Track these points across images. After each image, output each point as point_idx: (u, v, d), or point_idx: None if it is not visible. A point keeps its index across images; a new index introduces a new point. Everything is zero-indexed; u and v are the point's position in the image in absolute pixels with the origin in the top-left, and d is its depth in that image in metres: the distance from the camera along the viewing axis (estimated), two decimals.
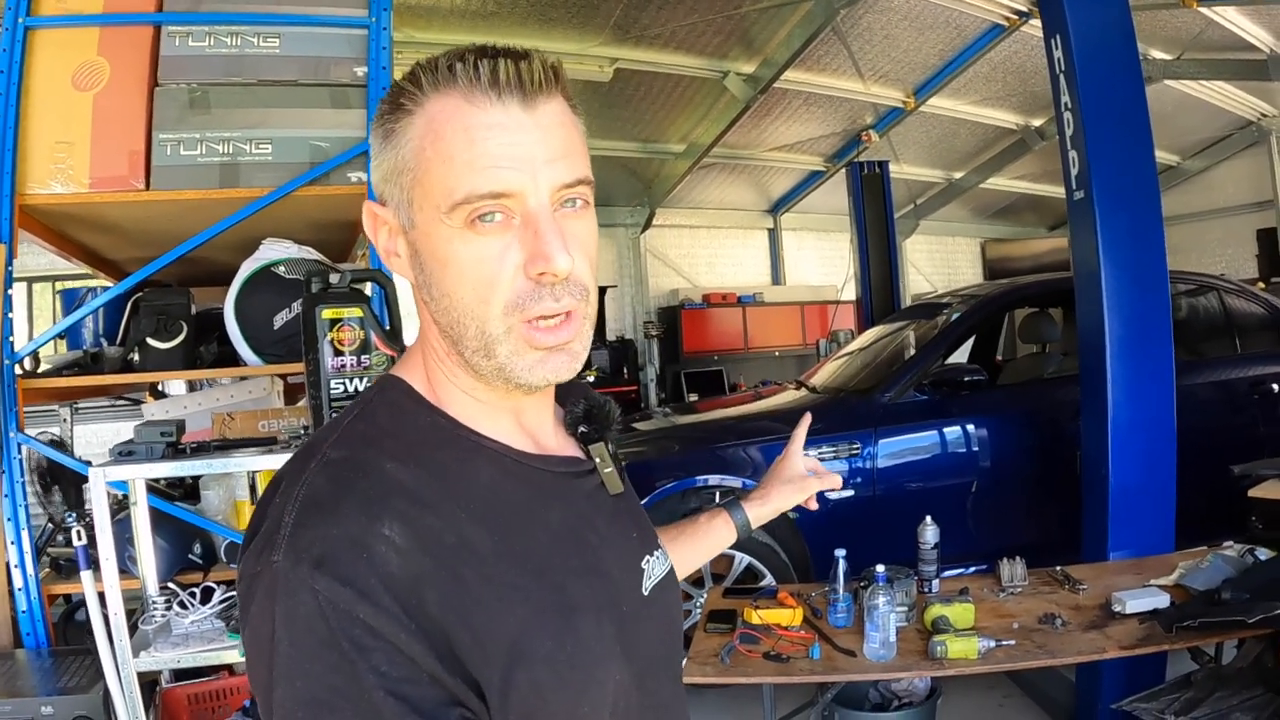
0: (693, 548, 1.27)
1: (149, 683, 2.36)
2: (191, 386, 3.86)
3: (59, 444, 2.77)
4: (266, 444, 2.38)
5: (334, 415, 2.14)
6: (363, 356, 2.20)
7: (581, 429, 0.91)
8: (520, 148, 0.74)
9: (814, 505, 1.33)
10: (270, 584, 0.69)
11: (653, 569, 0.93)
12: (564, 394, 0.95)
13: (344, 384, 2.18)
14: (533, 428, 0.88)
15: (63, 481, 2.88)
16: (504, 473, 0.81)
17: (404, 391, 0.83)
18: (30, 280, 7.40)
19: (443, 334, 0.80)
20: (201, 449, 2.29)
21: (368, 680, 0.66)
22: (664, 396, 10.82)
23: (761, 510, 1.30)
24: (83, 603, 2.94)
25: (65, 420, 3.88)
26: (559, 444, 0.91)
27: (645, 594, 0.91)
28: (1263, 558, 2.64)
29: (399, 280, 2.16)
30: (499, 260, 0.75)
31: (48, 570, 2.61)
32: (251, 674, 0.72)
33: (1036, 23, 7.49)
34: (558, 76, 0.77)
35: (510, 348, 0.77)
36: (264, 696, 0.70)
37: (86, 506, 3.01)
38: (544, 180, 0.75)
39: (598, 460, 0.90)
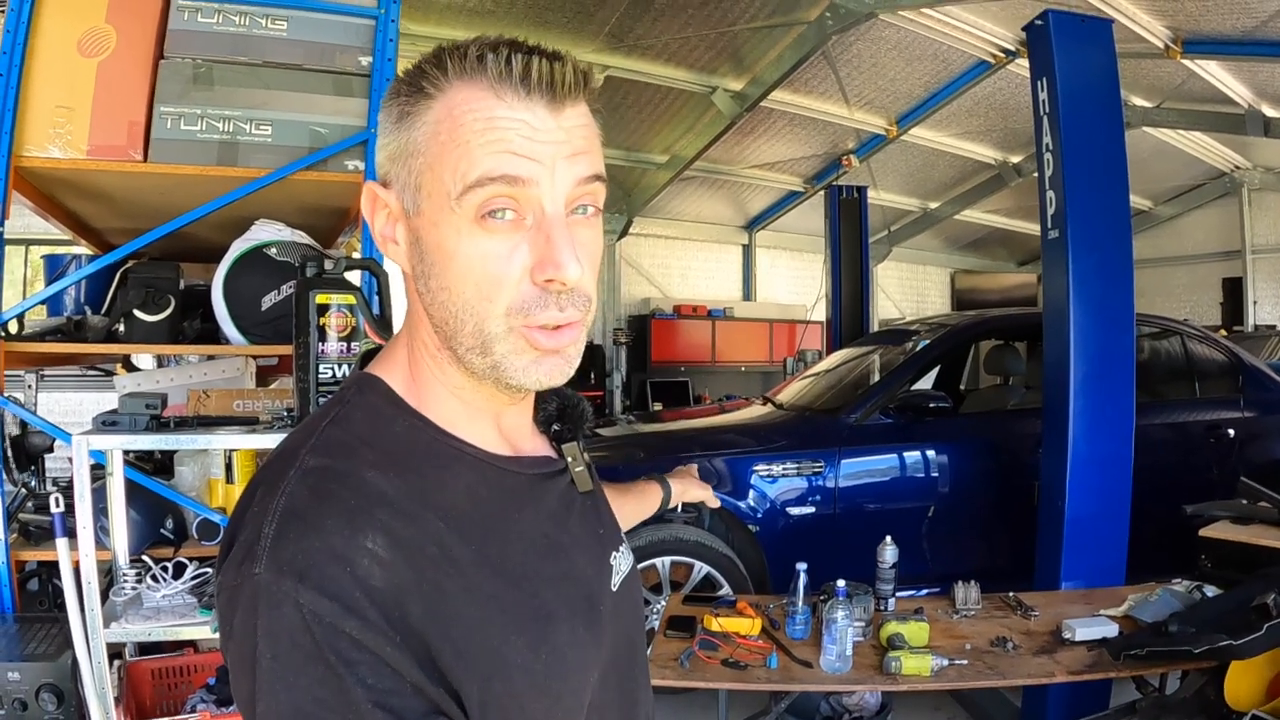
0: (635, 506, 1.43)
1: (112, 655, 2.34)
2: (160, 363, 3.81)
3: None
4: (249, 423, 2.38)
5: (314, 409, 2.17)
6: (352, 344, 2.22)
7: (555, 427, 0.92)
8: (541, 146, 0.72)
9: (714, 503, 1.63)
10: (251, 597, 0.67)
11: (619, 564, 0.94)
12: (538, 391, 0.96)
13: (332, 369, 2.20)
14: (511, 430, 0.87)
15: (21, 454, 2.84)
16: (481, 479, 0.80)
17: (382, 393, 0.81)
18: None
19: (436, 328, 0.78)
20: (184, 423, 2.29)
21: (356, 693, 0.65)
22: (629, 404, 10.85)
23: (678, 487, 1.52)
24: (35, 573, 2.92)
25: (30, 387, 3.82)
26: (533, 444, 0.90)
27: (614, 590, 0.91)
28: (1210, 594, 2.73)
29: (390, 267, 2.19)
30: (506, 260, 0.73)
31: (16, 535, 2.58)
32: (235, 687, 0.71)
33: (1022, 62, 7.65)
34: (587, 81, 0.76)
35: (508, 346, 0.76)
36: (247, 709, 0.69)
37: (50, 476, 2.98)
38: (561, 177, 0.73)
39: (569, 459, 0.90)
